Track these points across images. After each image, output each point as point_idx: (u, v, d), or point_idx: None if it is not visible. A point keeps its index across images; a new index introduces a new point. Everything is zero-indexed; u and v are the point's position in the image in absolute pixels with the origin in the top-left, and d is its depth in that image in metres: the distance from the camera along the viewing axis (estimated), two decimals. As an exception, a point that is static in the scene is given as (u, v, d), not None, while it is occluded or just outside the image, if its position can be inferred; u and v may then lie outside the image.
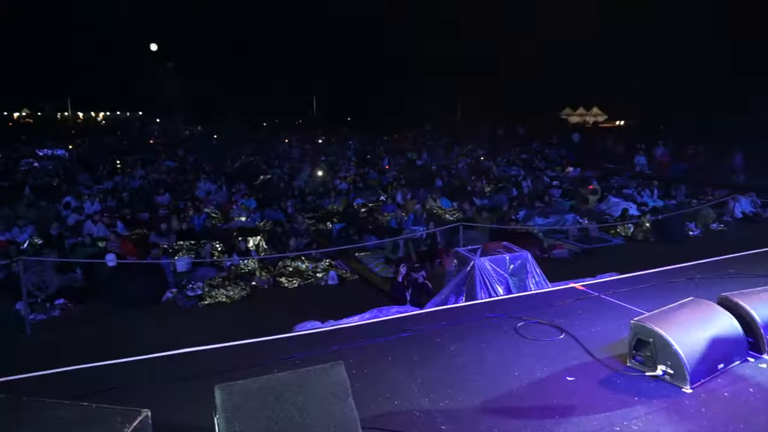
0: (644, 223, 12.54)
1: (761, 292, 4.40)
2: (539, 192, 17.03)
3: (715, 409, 3.36)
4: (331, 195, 16.20)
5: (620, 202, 14.81)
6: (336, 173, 21.11)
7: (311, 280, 9.84)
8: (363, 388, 3.67)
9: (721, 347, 3.82)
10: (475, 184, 18.39)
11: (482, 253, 6.61)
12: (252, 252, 10.87)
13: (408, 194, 16.06)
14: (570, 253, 11.23)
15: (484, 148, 29.58)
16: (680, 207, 14.53)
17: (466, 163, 23.54)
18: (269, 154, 27.25)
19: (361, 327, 4.89)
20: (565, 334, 4.48)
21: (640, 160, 23.11)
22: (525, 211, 14.18)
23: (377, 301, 7.87)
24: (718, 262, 6.69)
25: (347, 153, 28.30)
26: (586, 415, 3.32)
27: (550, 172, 21.29)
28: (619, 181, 18.70)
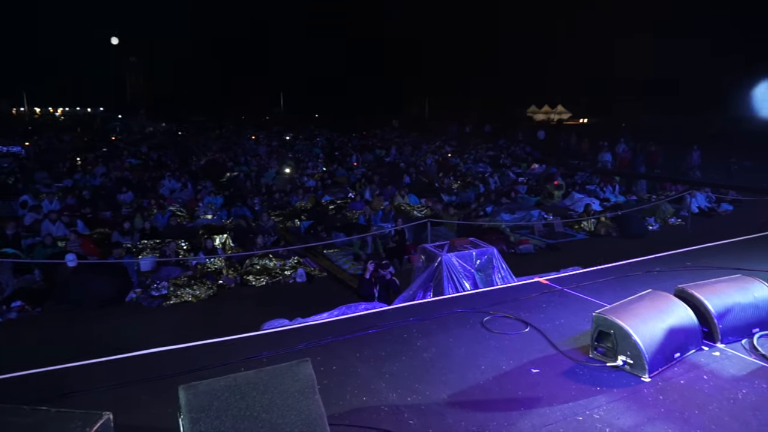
0: (605, 218, 12.86)
1: (715, 283, 4.57)
2: (505, 188, 17.29)
3: (671, 397, 3.48)
4: (299, 192, 16.08)
5: (584, 198, 15.15)
6: (304, 170, 20.98)
7: (279, 278, 9.76)
8: (331, 385, 3.67)
9: (677, 337, 3.96)
10: (443, 181, 18.55)
11: (449, 249, 6.67)
12: (218, 250, 10.71)
13: (376, 191, 16.08)
14: (535, 248, 11.44)
15: (452, 145, 29.84)
16: (640, 203, 14.96)
17: (433, 160, 23.69)
18: (236, 151, 26.87)
19: (328, 324, 4.88)
20: (530, 328, 4.57)
21: (605, 156, 23.67)
22: (492, 207, 14.38)
23: (346, 298, 7.85)
24: (675, 256, 6.92)
25: (315, 150, 28.15)
26: (550, 406, 3.39)
27: (516, 169, 21.63)
28: (582, 177, 19.12)
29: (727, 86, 33.17)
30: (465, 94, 49.00)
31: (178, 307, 8.52)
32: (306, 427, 2.44)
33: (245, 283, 9.60)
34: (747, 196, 15.65)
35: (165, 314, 8.28)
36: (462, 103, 48.37)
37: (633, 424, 3.19)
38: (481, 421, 3.23)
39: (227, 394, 2.44)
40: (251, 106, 55.67)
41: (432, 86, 51.07)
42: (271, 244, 11.09)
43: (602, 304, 4.41)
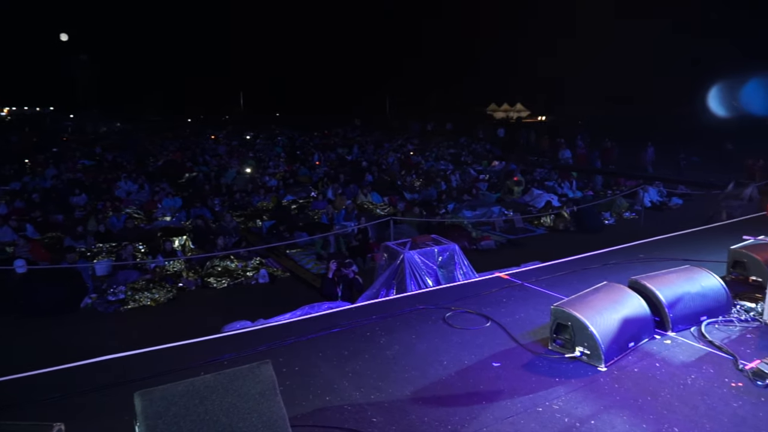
0: (564, 213, 13.18)
1: (666, 274, 4.74)
2: (467, 185, 17.51)
3: (626, 385, 3.60)
4: (261, 192, 15.90)
5: (543, 194, 15.49)
6: (265, 170, 20.73)
7: (241, 280, 9.63)
8: (293, 385, 3.64)
9: (631, 327, 4.09)
10: (405, 179, 18.64)
11: (411, 246, 6.71)
12: (178, 252, 10.49)
13: (339, 190, 16.04)
14: (496, 243, 11.63)
15: (414, 144, 30.01)
16: (596, 198, 15.39)
17: (396, 158, 23.78)
18: (194, 151, 26.32)
19: (291, 325, 4.84)
20: (491, 322, 4.64)
21: (565, 153, 24.25)
22: (453, 204, 14.53)
23: (309, 298, 7.80)
24: (629, 248, 7.14)
25: (276, 149, 27.85)
26: (511, 399, 3.45)
27: (477, 166, 21.93)
28: (541, 174, 19.53)
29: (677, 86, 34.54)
30: (427, 93, 49.40)
31: (136, 312, 8.31)
32: (267, 429, 2.41)
33: (206, 286, 9.43)
34: (695, 191, 16.31)
35: (123, 319, 8.06)
36: (424, 101, 48.73)
37: (590, 413, 3.28)
38: (444, 416, 3.26)
39: (185, 399, 2.39)
40: (210, 105, 54.65)
41: (395, 85, 51.26)
42: (232, 245, 10.93)
43: (560, 297, 4.50)
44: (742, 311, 4.70)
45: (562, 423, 3.18)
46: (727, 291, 4.71)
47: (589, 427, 3.14)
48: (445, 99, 49.10)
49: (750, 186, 13.55)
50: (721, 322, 4.53)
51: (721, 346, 4.09)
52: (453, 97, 49.21)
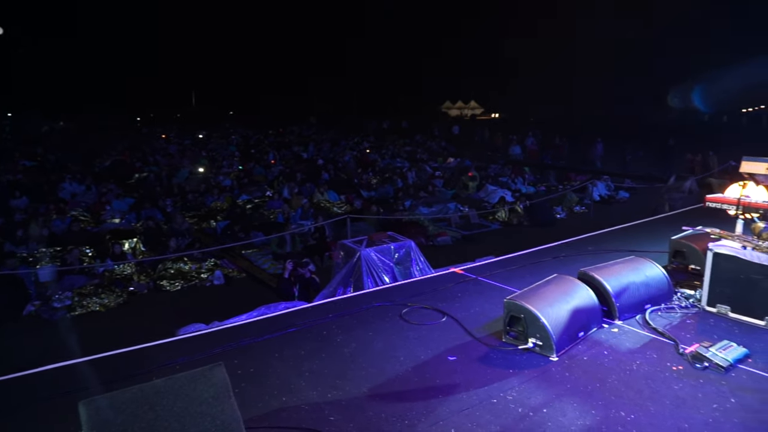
0: (518, 208, 13.47)
1: (612, 265, 4.93)
2: (423, 183, 17.64)
3: (576, 373, 3.72)
4: (214, 192, 15.56)
5: (497, 189, 15.77)
6: (219, 169, 20.32)
7: (195, 282, 9.40)
8: (250, 387, 3.59)
9: (581, 317, 4.23)
10: (362, 177, 18.63)
11: (368, 243, 6.72)
12: (128, 255, 10.16)
13: (295, 189, 15.88)
14: (452, 239, 11.77)
15: (370, 142, 30.04)
16: (549, 192, 15.79)
17: (352, 156, 23.73)
18: (144, 150, 25.53)
19: (247, 326, 4.77)
20: (447, 317, 4.70)
21: (515, 150, 24.80)
22: (410, 201, 14.63)
23: (266, 298, 7.69)
24: (579, 241, 7.38)
25: (230, 148, 27.33)
26: (467, 391, 3.51)
27: (432, 163, 22.12)
28: (495, 170, 19.89)
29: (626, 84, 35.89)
30: (384, 90, 49.54)
31: (84, 318, 7.99)
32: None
33: (159, 289, 9.17)
34: (640, 184, 16.95)
35: (70, 326, 7.73)
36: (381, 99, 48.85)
37: (543, 402, 3.37)
38: (401, 411, 3.28)
39: (134, 406, 2.32)
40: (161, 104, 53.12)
41: (354, 83, 51.18)
42: (185, 247, 10.66)
43: (514, 290, 4.61)
44: (683, 298, 4.94)
45: (516, 413, 3.26)
46: (668, 280, 4.93)
47: (541, 415, 3.23)
48: (402, 97, 49.38)
49: (690, 179, 14.19)
50: (664, 310, 4.75)
51: (663, 332, 4.29)
52: (409, 95, 49.51)
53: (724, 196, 5.11)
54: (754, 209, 4.68)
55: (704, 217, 6.22)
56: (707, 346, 3.89)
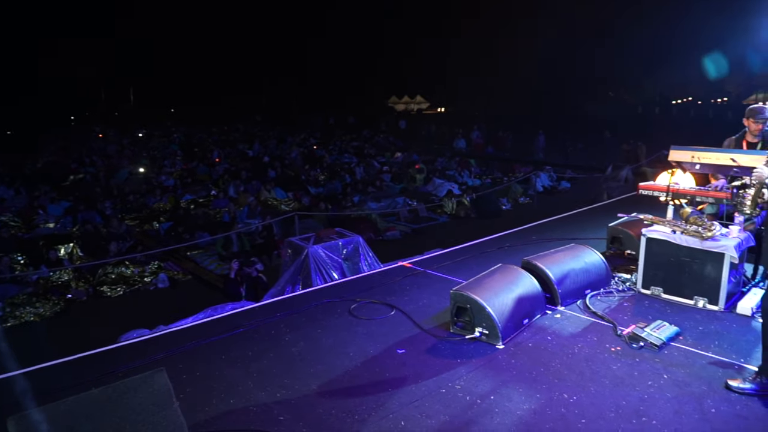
0: (464, 201, 13.71)
1: (554, 253, 5.09)
2: (371, 178, 17.67)
3: (522, 359, 3.82)
4: (156, 192, 15.06)
5: (444, 183, 15.98)
6: (161, 169, 19.67)
7: (138, 286, 9.09)
8: (195, 391, 3.50)
9: (525, 305, 4.34)
10: (309, 173, 18.47)
11: (316, 240, 6.68)
12: (64, 261, 9.70)
13: (241, 187, 15.58)
14: (401, 233, 11.86)
15: (317, 138, 29.80)
16: (494, 184, 16.14)
17: (299, 152, 23.48)
18: (80, 151, 24.39)
19: (192, 329, 4.64)
20: (396, 310, 4.73)
21: (460, 143, 25.21)
22: (359, 196, 14.63)
23: (213, 300, 7.52)
24: (523, 231, 7.58)
25: (172, 146, 26.49)
26: (416, 383, 3.55)
27: (380, 158, 22.18)
28: (442, 163, 20.14)
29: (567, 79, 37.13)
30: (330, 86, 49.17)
31: (17, 329, 7.58)
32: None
33: (99, 295, 8.82)
34: (580, 174, 17.58)
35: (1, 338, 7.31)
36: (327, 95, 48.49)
37: (490, 389, 3.45)
38: (351, 407, 3.28)
39: (69, 418, 2.22)
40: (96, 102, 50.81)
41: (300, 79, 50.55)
42: (126, 250, 10.28)
43: (461, 281, 4.68)
44: (620, 282, 5.16)
45: (464, 401, 3.32)
46: (606, 265, 5.14)
47: (489, 402, 3.30)
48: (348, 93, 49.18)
49: (625, 168, 14.82)
50: (603, 294, 4.95)
51: (603, 316, 4.47)
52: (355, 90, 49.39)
53: (655, 183, 5.37)
54: (683, 195, 4.94)
55: (639, 204, 6.50)
56: (642, 326, 4.08)
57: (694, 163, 4.87)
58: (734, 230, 4.57)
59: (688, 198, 4.91)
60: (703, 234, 4.50)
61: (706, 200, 4.91)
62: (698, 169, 4.91)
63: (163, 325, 6.17)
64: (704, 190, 4.94)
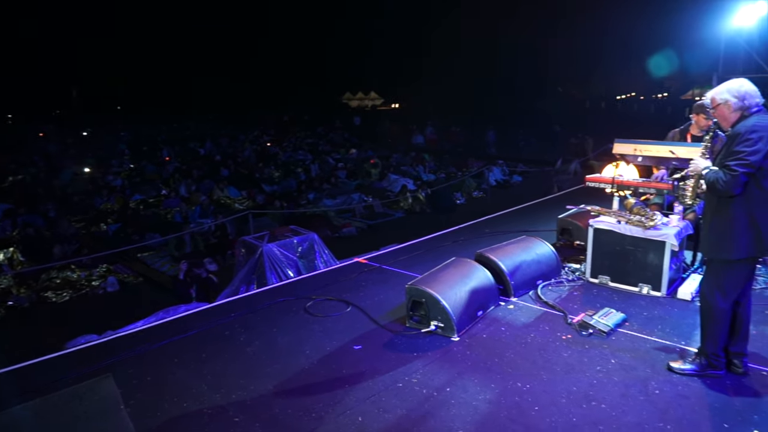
0: (420, 196, 13.82)
1: (506, 245, 5.19)
2: (326, 174, 17.56)
3: (477, 351, 3.89)
4: (103, 193, 14.52)
5: (399, 178, 16.06)
6: (108, 169, 18.96)
7: (86, 290, 8.76)
8: (147, 396, 3.40)
9: (479, 297, 4.42)
10: (263, 171, 18.21)
11: (270, 239, 6.58)
12: (4, 267, 9.23)
13: (192, 186, 15.21)
14: (357, 230, 11.85)
15: (270, 135, 29.39)
16: (448, 179, 16.33)
17: (252, 150, 23.10)
18: (20, 151, 23.21)
19: (143, 332, 4.50)
20: (352, 307, 4.73)
21: (417, 138, 25.39)
22: (314, 194, 14.53)
23: (166, 302, 7.32)
24: (477, 224, 7.71)
25: (120, 146, 25.56)
26: (372, 379, 3.55)
27: (335, 155, 22.07)
28: (397, 159, 20.23)
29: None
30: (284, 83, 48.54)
31: (-48, 340, 7.16)
32: (112, 448, 2.23)
33: (43, 301, 8.44)
34: (532, 168, 18.00)
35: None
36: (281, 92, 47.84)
37: (446, 381, 3.49)
38: (308, 405, 3.26)
39: (12, 430, 2.11)
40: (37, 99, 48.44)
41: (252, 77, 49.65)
42: (72, 254, 9.88)
43: (416, 276, 4.71)
44: (570, 272, 5.32)
45: (420, 395, 3.35)
46: (557, 256, 5.29)
47: (445, 394, 3.34)
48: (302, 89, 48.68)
49: (574, 162, 15.29)
50: (554, 284, 5.08)
51: (554, 305, 4.59)
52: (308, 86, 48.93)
53: (601, 175, 5.55)
54: (626, 187, 5.13)
55: (587, 196, 6.72)
56: (591, 314, 4.22)
57: (637, 156, 5.07)
58: (674, 219, 4.78)
59: (631, 189, 5.10)
60: (646, 223, 4.69)
61: (648, 191, 5.12)
62: (640, 161, 5.11)
63: (112, 330, 5.97)
64: (646, 182, 5.14)
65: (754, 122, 3.09)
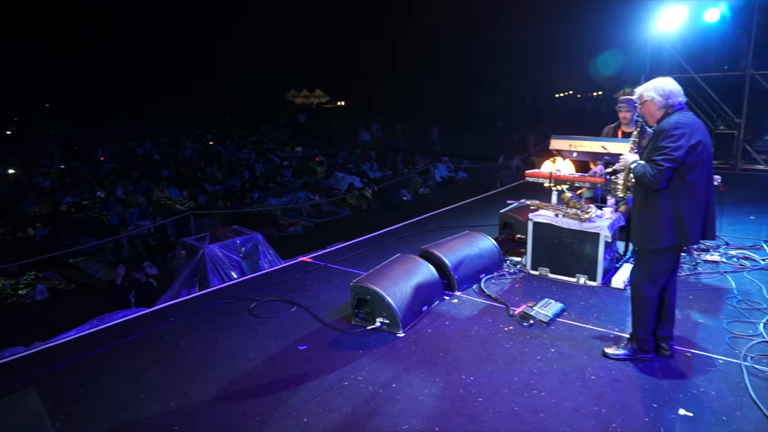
0: (366, 194, 13.83)
1: (450, 241, 5.27)
2: (271, 173, 17.31)
3: (422, 346, 3.92)
4: (30, 195, 13.74)
5: (345, 176, 16.02)
6: (36, 169, 17.95)
7: (12, 299, 8.26)
8: (79, 409, 3.24)
9: (423, 292, 4.45)
10: (206, 171, 17.74)
11: (212, 240, 6.41)
12: None
13: (130, 187, 14.63)
14: (304, 228, 11.74)
15: (213, 133, 28.66)
16: (395, 176, 16.42)
17: (194, 149, 22.46)
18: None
19: (75, 342, 4.27)
20: (297, 307, 4.67)
21: (364, 136, 25.40)
22: (259, 193, 14.28)
23: (103, 309, 7.00)
24: (422, 220, 7.78)
25: (49, 145, 24.24)
26: (318, 378, 3.52)
27: (280, 153, 21.78)
28: (343, 157, 20.17)
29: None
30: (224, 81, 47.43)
31: None
32: (38, 465, 2.10)
33: (-36, 313, 7.89)
34: (476, 164, 18.36)
35: None
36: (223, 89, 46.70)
37: (392, 377, 3.50)
38: (252, 408, 3.19)
39: None
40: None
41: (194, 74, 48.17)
42: (-4, 261, 9.29)
43: (361, 273, 4.70)
44: (511, 265, 5.45)
45: (366, 392, 3.34)
46: (499, 249, 5.41)
47: (390, 390, 3.35)
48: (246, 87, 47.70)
49: (516, 158, 15.67)
50: (496, 277, 5.20)
51: (496, 298, 4.69)
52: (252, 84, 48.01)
53: (539, 171, 5.71)
54: (563, 181, 5.30)
55: (527, 191, 6.91)
56: (532, 305, 4.34)
57: (572, 151, 5.25)
58: (607, 212, 4.98)
59: (568, 184, 5.28)
60: (582, 216, 4.86)
61: (583, 185, 5.31)
62: (576, 156, 5.29)
63: (40, 341, 5.65)
64: (581, 176, 5.33)
65: (677, 119, 3.26)
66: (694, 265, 5.33)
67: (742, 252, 5.64)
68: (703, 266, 5.33)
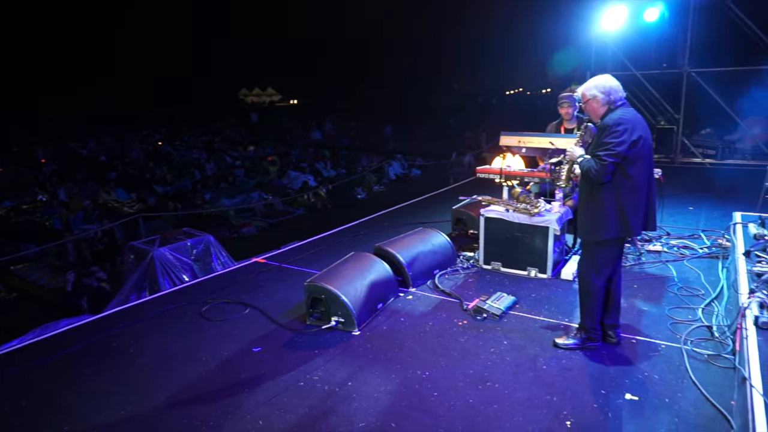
0: (321, 192, 13.76)
1: (403, 238, 5.30)
2: (223, 173, 16.97)
3: (377, 343, 3.93)
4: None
5: (299, 175, 15.88)
6: (-31, 173, 16.99)
7: (-55, 311, 7.78)
8: (22, 423, 3.09)
9: (378, 290, 4.47)
10: (155, 171, 17.23)
11: (162, 242, 6.23)
12: None
13: (74, 190, 14.04)
14: (258, 229, 11.57)
15: (161, 133, 27.86)
16: (349, 175, 16.39)
17: (142, 150, 21.76)
18: None
19: (14, 353, 4.07)
20: (250, 308, 4.60)
21: (315, 134, 25.24)
22: (210, 193, 13.98)
23: (48, 318, 6.69)
24: (376, 218, 7.80)
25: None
26: (273, 380, 3.47)
27: (232, 152, 21.37)
28: (297, 156, 19.98)
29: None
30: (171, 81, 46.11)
31: None
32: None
33: None
34: (430, 161, 18.55)
35: None
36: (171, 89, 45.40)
37: (347, 376, 3.50)
38: (205, 413, 3.13)
39: None
40: None
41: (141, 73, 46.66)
42: (-74, 271, 8.74)
43: (316, 272, 4.66)
44: (465, 260, 5.54)
45: (322, 391, 3.32)
46: (452, 245, 5.48)
47: (347, 389, 3.35)
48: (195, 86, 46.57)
49: (468, 154, 15.94)
50: (450, 273, 5.27)
51: (450, 293, 4.75)
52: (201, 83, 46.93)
53: (490, 167, 5.82)
54: (513, 177, 5.42)
55: (479, 187, 7.02)
56: (485, 299, 4.42)
57: (521, 147, 5.37)
58: (555, 206, 5.13)
59: (518, 179, 5.40)
60: (531, 211, 4.98)
61: (532, 180, 5.45)
62: (524, 152, 5.42)
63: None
64: (529, 171, 5.47)
65: (619, 115, 3.38)
66: (638, 255, 5.56)
67: (681, 241, 5.91)
68: (646, 256, 5.56)
